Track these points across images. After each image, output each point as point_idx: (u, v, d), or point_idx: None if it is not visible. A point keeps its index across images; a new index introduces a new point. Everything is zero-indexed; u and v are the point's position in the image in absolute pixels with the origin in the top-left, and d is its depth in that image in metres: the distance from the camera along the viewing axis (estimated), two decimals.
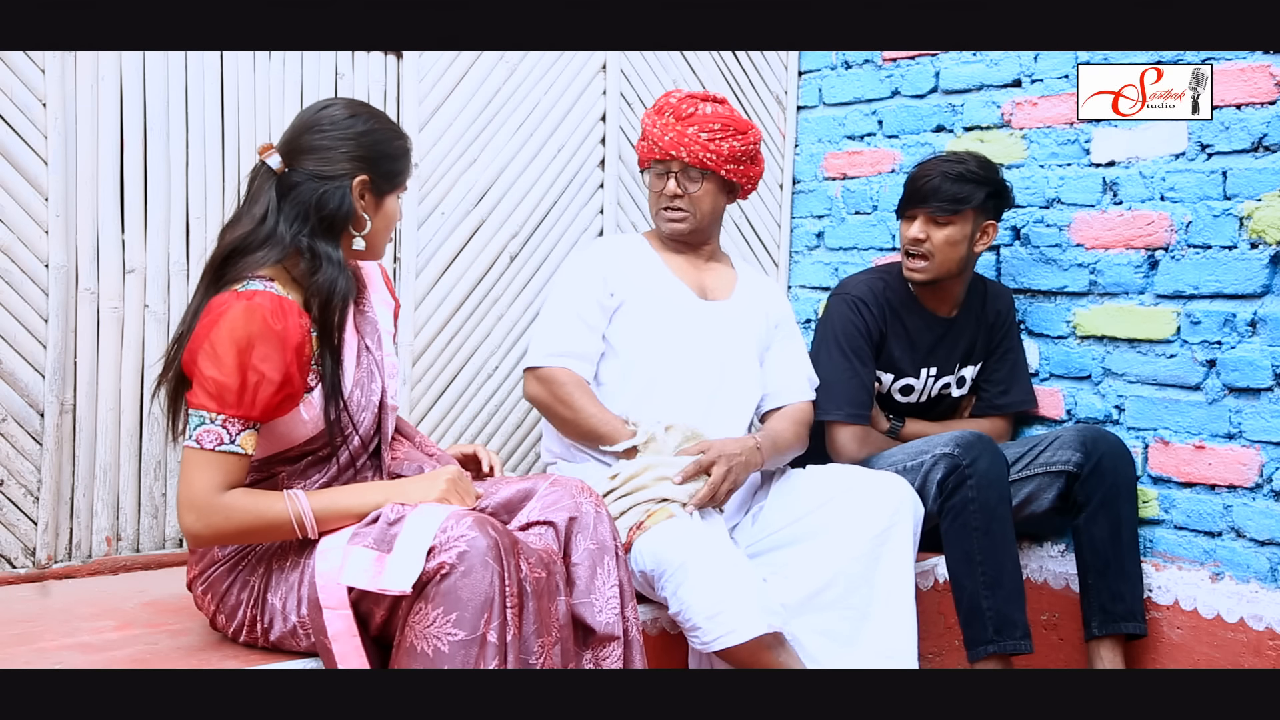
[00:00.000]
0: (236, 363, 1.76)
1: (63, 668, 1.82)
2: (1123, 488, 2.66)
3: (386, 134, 1.96)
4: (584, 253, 2.69)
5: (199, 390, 1.78)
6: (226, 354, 1.76)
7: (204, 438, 1.78)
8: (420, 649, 1.72)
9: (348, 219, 1.92)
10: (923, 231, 2.74)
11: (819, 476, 2.56)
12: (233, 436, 1.78)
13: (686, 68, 3.26)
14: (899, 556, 2.39)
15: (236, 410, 1.77)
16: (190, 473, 1.78)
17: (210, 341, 1.78)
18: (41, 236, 2.29)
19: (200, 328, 1.81)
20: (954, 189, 2.70)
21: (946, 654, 2.76)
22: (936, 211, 2.71)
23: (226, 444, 1.78)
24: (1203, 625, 2.62)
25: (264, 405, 1.79)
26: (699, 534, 2.23)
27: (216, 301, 1.82)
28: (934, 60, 3.18)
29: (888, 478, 2.49)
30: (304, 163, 1.89)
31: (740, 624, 2.09)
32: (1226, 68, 2.60)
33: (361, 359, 1.99)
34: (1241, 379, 2.58)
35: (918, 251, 2.76)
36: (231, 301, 1.80)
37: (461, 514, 1.78)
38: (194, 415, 1.79)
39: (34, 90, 2.27)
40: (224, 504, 1.78)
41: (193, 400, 1.79)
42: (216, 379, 1.76)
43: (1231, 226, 2.60)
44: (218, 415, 1.78)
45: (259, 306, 1.79)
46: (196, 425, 1.78)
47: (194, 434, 1.78)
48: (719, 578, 2.13)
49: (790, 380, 2.69)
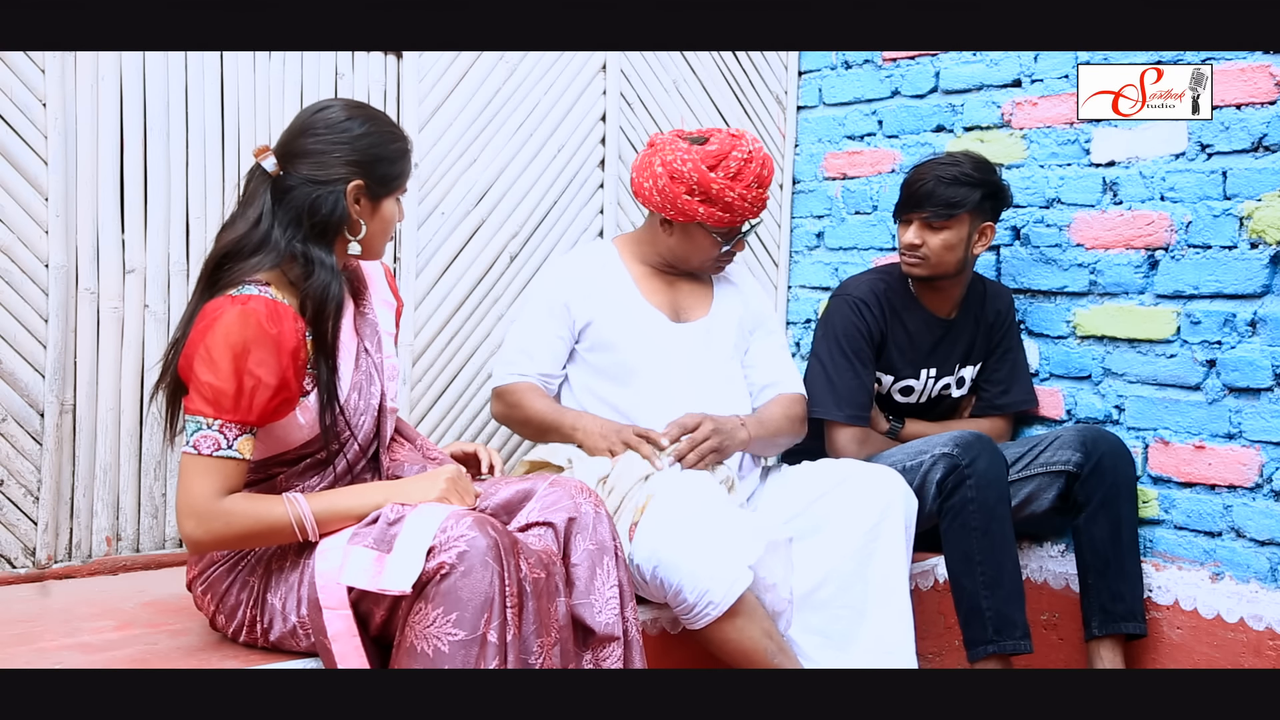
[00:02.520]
0: (232, 368, 1.76)
1: (63, 668, 1.82)
2: (1123, 488, 2.66)
3: (383, 137, 1.94)
4: (548, 274, 2.62)
5: (195, 396, 1.78)
6: (222, 359, 1.76)
7: (201, 443, 1.77)
8: (420, 649, 1.72)
9: (342, 224, 1.91)
10: (918, 236, 2.73)
11: (811, 473, 2.55)
12: (230, 441, 1.78)
13: (686, 68, 3.26)
14: (892, 552, 2.38)
15: (233, 415, 1.77)
16: (189, 479, 1.78)
17: (206, 347, 1.77)
18: (41, 236, 2.29)
19: (195, 333, 1.81)
20: (948, 193, 2.69)
21: (946, 654, 2.76)
22: (932, 217, 2.71)
23: (224, 449, 1.78)
24: (1203, 625, 2.62)
25: (260, 410, 1.79)
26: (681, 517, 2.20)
27: (211, 307, 1.82)
28: (934, 60, 3.18)
29: (878, 472, 2.47)
30: (299, 166, 1.89)
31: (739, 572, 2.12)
32: (1226, 68, 2.60)
33: (360, 362, 1.98)
34: (1241, 379, 2.58)
35: (914, 256, 2.76)
36: (226, 306, 1.80)
37: (461, 514, 1.78)
38: (191, 421, 1.78)
39: (34, 90, 2.27)
40: (224, 509, 1.78)
41: (190, 406, 1.79)
42: (213, 384, 1.76)
43: (1231, 226, 2.60)
44: (214, 420, 1.77)
45: (254, 311, 1.79)
46: (194, 431, 1.78)
47: (191, 440, 1.78)
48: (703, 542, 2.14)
49: (772, 373, 2.67)
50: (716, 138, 2.48)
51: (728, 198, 2.43)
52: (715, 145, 2.46)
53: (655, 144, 2.52)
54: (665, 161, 2.45)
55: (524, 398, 2.52)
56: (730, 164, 2.44)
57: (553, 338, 2.53)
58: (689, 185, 2.43)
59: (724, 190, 2.43)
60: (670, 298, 2.60)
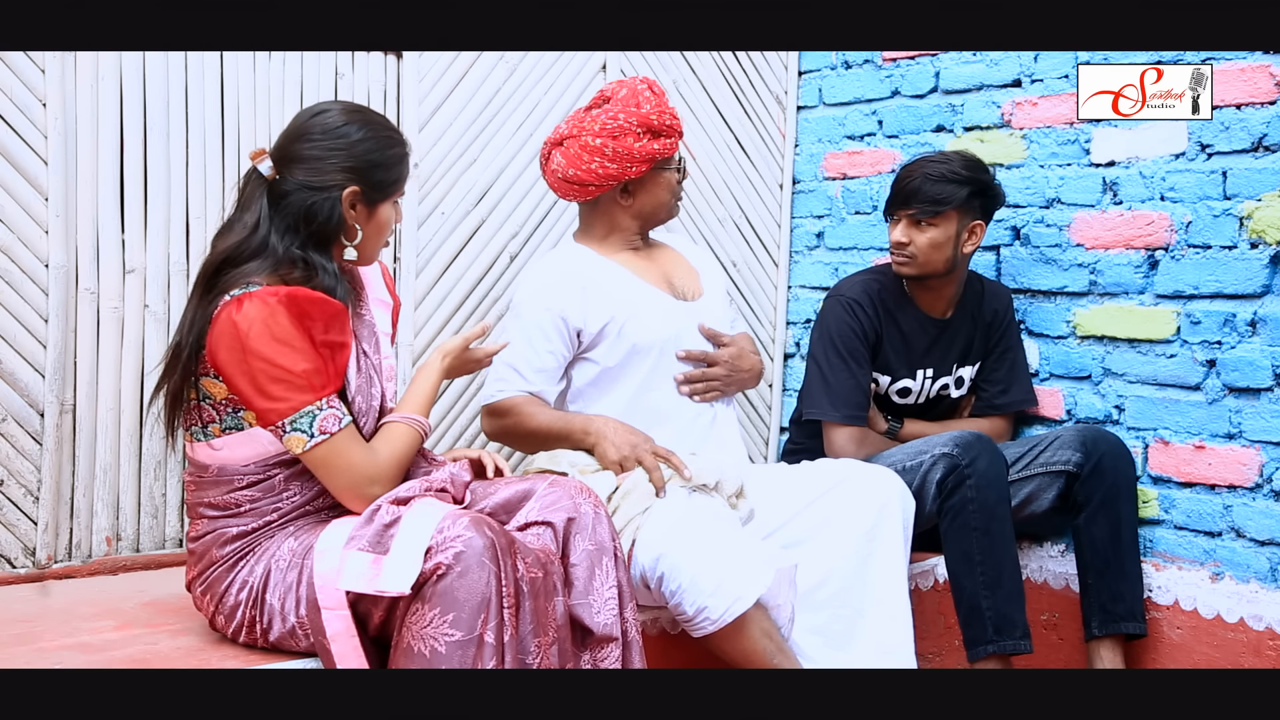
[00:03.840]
0: (307, 345, 1.81)
1: (63, 668, 1.82)
2: (1123, 488, 2.66)
3: (380, 143, 1.94)
4: (532, 290, 2.50)
5: (285, 393, 1.79)
6: (290, 344, 1.79)
7: (328, 425, 1.82)
8: (417, 649, 1.72)
9: (338, 230, 1.92)
10: (905, 235, 2.73)
11: (808, 473, 2.55)
12: (340, 410, 1.85)
13: (686, 68, 3.26)
14: (890, 552, 2.38)
15: (329, 386, 1.84)
16: (343, 460, 1.84)
17: (257, 349, 1.78)
18: (41, 236, 2.29)
19: (225, 349, 1.80)
20: (935, 190, 2.68)
21: (946, 654, 2.76)
22: (918, 214, 2.70)
23: (344, 417, 1.84)
24: (1203, 625, 2.62)
25: (342, 368, 1.89)
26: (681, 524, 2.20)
27: (228, 315, 1.80)
28: (934, 60, 3.18)
29: (876, 473, 2.47)
30: (294, 171, 1.89)
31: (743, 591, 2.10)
32: (1226, 68, 2.60)
33: (361, 364, 1.98)
34: (1241, 379, 2.58)
35: (901, 255, 2.76)
36: (241, 306, 1.79)
37: (457, 514, 1.78)
38: (301, 417, 1.81)
39: (34, 90, 2.27)
40: (385, 461, 1.90)
41: (284, 407, 1.80)
42: (305, 370, 1.80)
43: (1231, 226, 2.60)
44: (321, 401, 1.82)
45: (265, 295, 1.80)
46: (311, 422, 1.81)
47: (314, 430, 1.81)
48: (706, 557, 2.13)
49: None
50: (606, 93, 2.52)
51: (665, 120, 2.47)
52: (616, 93, 2.51)
53: (564, 137, 2.49)
54: (597, 132, 2.45)
55: (524, 410, 2.45)
56: (641, 95, 2.49)
57: (546, 354, 2.46)
58: (634, 131, 2.45)
59: (658, 115, 2.47)
60: (661, 276, 2.60)
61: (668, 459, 2.34)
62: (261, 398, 1.80)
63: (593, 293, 2.49)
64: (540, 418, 2.44)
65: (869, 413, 2.82)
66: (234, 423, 1.88)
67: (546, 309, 2.46)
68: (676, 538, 2.14)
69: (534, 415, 2.44)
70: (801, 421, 2.94)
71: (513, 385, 2.47)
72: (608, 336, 2.48)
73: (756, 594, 2.11)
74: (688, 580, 2.11)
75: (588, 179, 2.48)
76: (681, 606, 2.13)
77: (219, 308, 1.82)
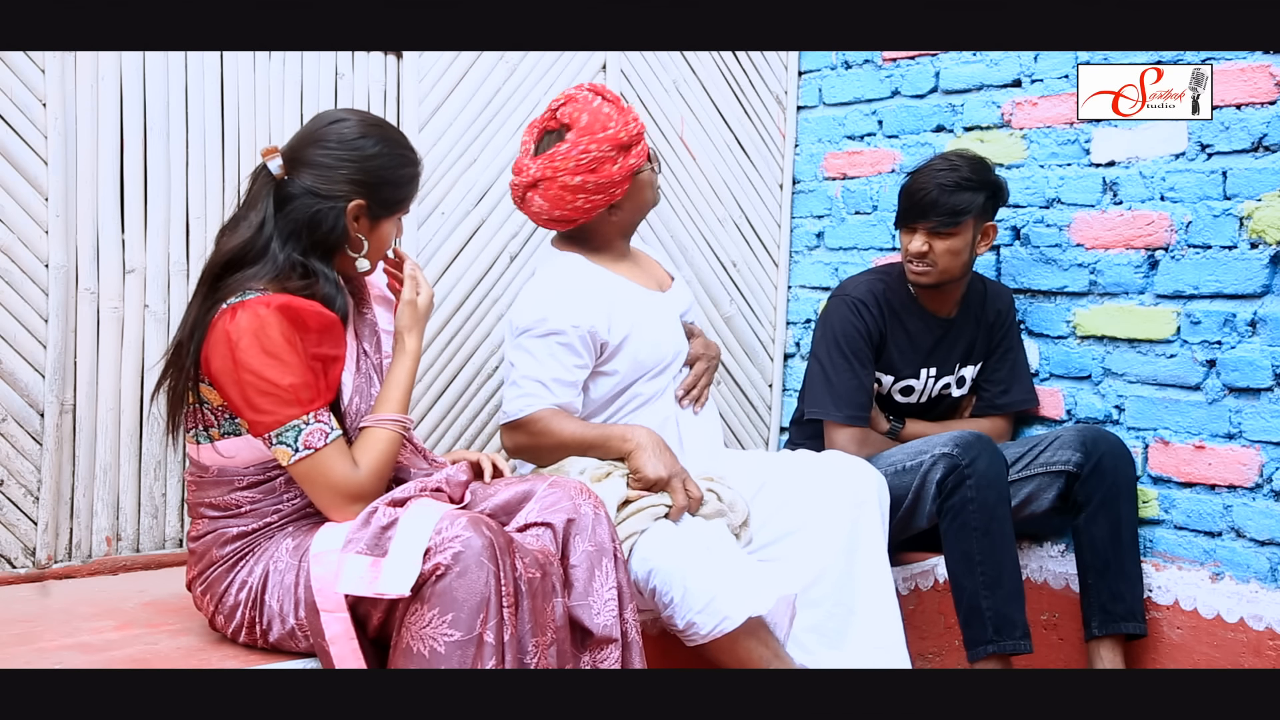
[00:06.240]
0: (296, 360, 1.80)
1: (63, 668, 1.82)
2: (1123, 488, 2.66)
3: (394, 160, 1.94)
4: (550, 308, 2.40)
5: (272, 406, 1.79)
6: (278, 357, 1.78)
7: (313, 440, 1.81)
8: (416, 650, 1.72)
9: (341, 241, 1.92)
10: (925, 245, 2.72)
11: (781, 464, 2.55)
12: (328, 423, 1.84)
13: (686, 68, 3.26)
14: (872, 548, 2.39)
15: (317, 400, 1.83)
16: (325, 475, 1.83)
17: (246, 363, 1.78)
18: (41, 236, 2.29)
19: (219, 361, 1.80)
20: (953, 201, 2.68)
21: (946, 654, 2.76)
22: (938, 226, 2.69)
23: (331, 432, 1.83)
24: (1203, 625, 2.62)
25: (334, 382, 1.87)
26: (680, 537, 2.20)
27: (223, 325, 1.81)
28: (934, 60, 3.18)
29: (847, 467, 2.47)
30: (303, 175, 1.89)
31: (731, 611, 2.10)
32: (1226, 68, 2.60)
33: (360, 364, 1.98)
34: (1241, 379, 2.58)
35: (922, 265, 2.75)
36: (234, 316, 1.80)
37: (456, 514, 1.78)
38: (287, 431, 1.80)
39: (34, 90, 2.27)
40: (365, 476, 1.87)
41: (270, 419, 1.80)
42: (291, 384, 1.79)
43: (1231, 226, 2.60)
44: (308, 415, 1.81)
45: (256, 305, 1.80)
46: (296, 437, 1.80)
47: (299, 445, 1.81)
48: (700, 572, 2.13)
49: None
50: (561, 118, 2.41)
51: (632, 130, 2.39)
52: (574, 119, 2.39)
53: (537, 179, 2.41)
54: (573, 170, 2.36)
55: (553, 422, 2.38)
56: (600, 113, 2.38)
57: (574, 368, 2.41)
58: (608, 157, 2.37)
59: (623, 128, 2.38)
60: (650, 279, 2.60)
61: (696, 497, 2.29)
62: (250, 409, 1.81)
63: (607, 304, 2.45)
64: (571, 427, 2.39)
65: (870, 413, 2.82)
66: (232, 428, 1.88)
67: (575, 325, 2.40)
68: (670, 553, 2.15)
69: (564, 426, 2.39)
70: (802, 421, 2.94)
71: (541, 400, 2.39)
72: (625, 348, 2.47)
73: (747, 614, 2.10)
74: (679, 595, 2.12)
75: (576, 215, 2.44)
76: (673, 619, 2.15)
77: (216, 315, 1.82)
